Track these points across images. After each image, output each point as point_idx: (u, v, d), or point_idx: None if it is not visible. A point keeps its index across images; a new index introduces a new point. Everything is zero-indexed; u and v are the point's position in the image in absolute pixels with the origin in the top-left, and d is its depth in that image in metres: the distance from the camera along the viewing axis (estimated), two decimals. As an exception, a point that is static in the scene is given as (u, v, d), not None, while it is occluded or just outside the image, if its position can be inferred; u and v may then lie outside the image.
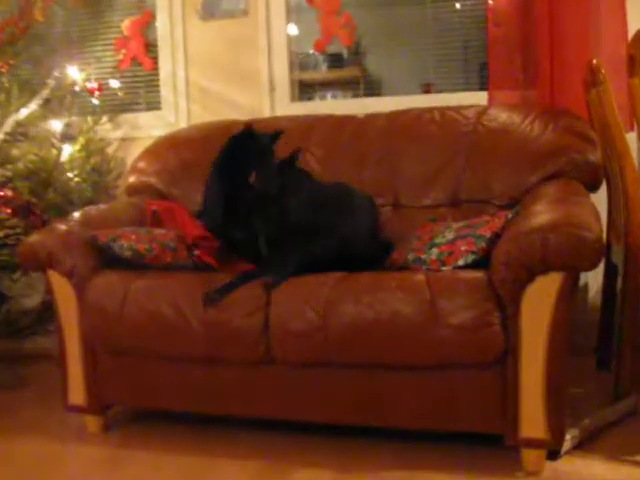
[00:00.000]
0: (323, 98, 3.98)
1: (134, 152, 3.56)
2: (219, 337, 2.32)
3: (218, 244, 2.62)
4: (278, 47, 3.67)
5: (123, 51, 3.87)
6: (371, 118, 3.14)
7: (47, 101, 3.50)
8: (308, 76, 3.93)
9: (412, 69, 3.94)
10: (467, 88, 3.68)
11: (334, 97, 3.97)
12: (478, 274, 2.12)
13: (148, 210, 2.90)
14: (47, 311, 3.09)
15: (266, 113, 3.66)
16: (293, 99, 3.76)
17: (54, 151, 3.47)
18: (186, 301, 2.36)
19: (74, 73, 3.70)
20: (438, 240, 2.36)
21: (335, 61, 3.95)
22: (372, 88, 4.04)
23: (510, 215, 2.29)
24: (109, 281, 2.49)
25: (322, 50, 3.82)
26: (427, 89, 3.75)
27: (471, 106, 3.01)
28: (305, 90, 3.93)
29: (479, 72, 3.68)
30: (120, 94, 3.94)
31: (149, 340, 2.42)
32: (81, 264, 2.52)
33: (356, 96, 3.91)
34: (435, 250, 2.31)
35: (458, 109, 3.00)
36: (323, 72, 3.96)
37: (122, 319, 2.41)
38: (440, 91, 3.69)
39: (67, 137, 3.56)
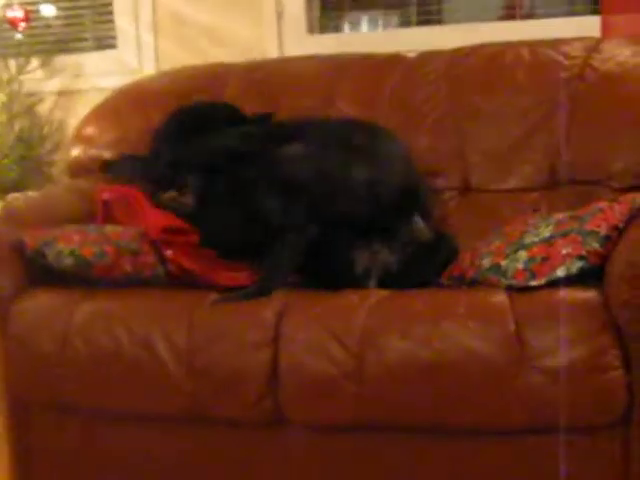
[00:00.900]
0: (355, 24, 4.00)
1: (78, 112, 3.63)
2: (207, 387, 2.34)
3: (195, 238, 2.67)
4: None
5: (59, -39, 3.92)
6: (427, 58, 3.17)
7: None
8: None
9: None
10: (570, 11, 3.68)
11: (372, 22, 3.99)
12: (587, 293, 2.13)
13: (98, 199, 2.93)
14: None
15: (271, 51, 3.71)
16: (311, 29, 3.79)
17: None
18: (160, 333, 2.38)
19: (-14, -5, 3.74)
20: (529, 239, 2.36)
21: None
22: (429, 5, 4.01)
23: (639, 201, 2.30)
24: (44, 305, 2.53)
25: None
26: (510, 12, 3.75)
27: (576, 39, 3.02)
28: (329, 12, 3.95)
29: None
30: (56, 26, 3.97)
31: (105, 392, 2.44)
32: (3, 280, 2.55)
33: (405, 22, 3.92)
34: (523, 254, 2.31)
35: (556, 44, 3.01)
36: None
37: (64, 361, 2.44)
38: (529, 16, 3.69)
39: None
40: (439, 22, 3.97)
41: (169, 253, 2.59)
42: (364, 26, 3.99)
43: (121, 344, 2.40)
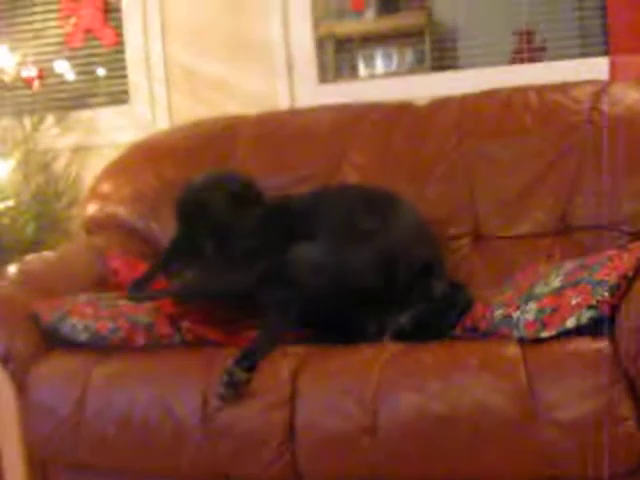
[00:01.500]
0: (369, 59, 4.02)
1: (93, 167, 3.67)
2: (224, 446, 2.35)
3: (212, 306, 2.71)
4: (297, 2, 3.75)
5: (72, 20, 3.96)
6: (436, 106, 3.20)
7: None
8: (346, 28, 3.96)
9: (501, 10, 3.94)
10: (582, 52, 3.70)
11: (386, 56, 4.02)
12: (598, 344, 2.12)
13: (109, 267, 2.99)
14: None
15: (283, 102, 3.74)
16: (323, 77, 3.83)
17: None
18: (176, 394, 2.40)
19: (2, 56, 3.80)
20: (539, 290, 2.37)
21: (387, 4, 3.98)
22: (443, 41, 4.04)
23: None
24: (60, 368, 2.56)
25: (362, 6, 3.86)
26: (525, 37, 3.78)
27: (584, 82, 3.04)
28: (343, 48, 3.97)
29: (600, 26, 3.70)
30: (70, 83, 4.03)
31: (123, 453, 2.46)
32: (20, 345, 2.58)
33: (418, 53, 3.95)
34: (533, 306, 2.31)
35: (564, 88, 3.04)
36: (369, 21, 3.98)
37: (82, 424, 2.46)
38: (543, 46, 3.70)
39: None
40: (453, 50, 4.00)
41: (185, 324, 2.61)
42: (378, 57, 4.00)
43: (138, 405, 2.41)
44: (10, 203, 3.59)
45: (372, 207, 2.80)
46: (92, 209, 3.37)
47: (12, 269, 2.86)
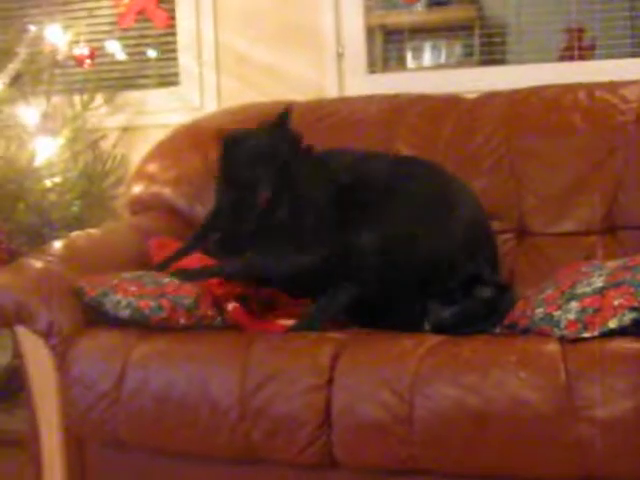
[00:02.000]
0: (418, 51, 4.03)
1: (141, 148, 3.70)
2: (260, 429, 2.36)
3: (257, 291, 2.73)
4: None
5: (125, 1, 3.99)
6: (485, 100, 3.20)
7: (16, 77, 3.62)
8: (396, 19, 3.96)
9: (551, 7, 3.92)
10: (632, 51, 3.69)
11: (435, 49, 4.02)
12: (638, 344, 2.13)
13: (149, 248, 3.00)
14: (15, 379, 3.18)
15: (331, 90, 3.75)
16: (372, 67, 3.83)
17: (26, 149, 3.59)
18: (214, 374, 2.42)
19: (55, 35, 3.81)
20: (580, 289, 2.36)
21: (438, -3, 3.98)
22: (492, 35, 4.03)
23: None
24: (102, 344, 2.58)
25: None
26: (575, 34, 3.76)
27: (634, 82, 3.04)
28: (392, 39, 3.97)
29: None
30: (121, 63, 4.07)
31: (160, 432, 2.48)
32: (62, 319, 2.60)
33: (467, 47, 3.95)
34: (575, 305, 2.30)
35: (614, 87, 3.04)
36: (419, 13, 3.98)
37: (120, 400, 2.48)
38: (593, 43, 3.68)
39: (45, 128, 3.66)
40: (503, 44, 3.99)
41: (231, 307, 2.64)
42: (427, 50, 4.00)
43: (176, 385, 2.43)
44: (57, 180, 3.62)
45: (445, 196, 2.78)
46: (137, 189, 3.40)
47: (58, 245, 2.88)
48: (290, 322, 2.64)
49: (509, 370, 2.17)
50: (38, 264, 2.72)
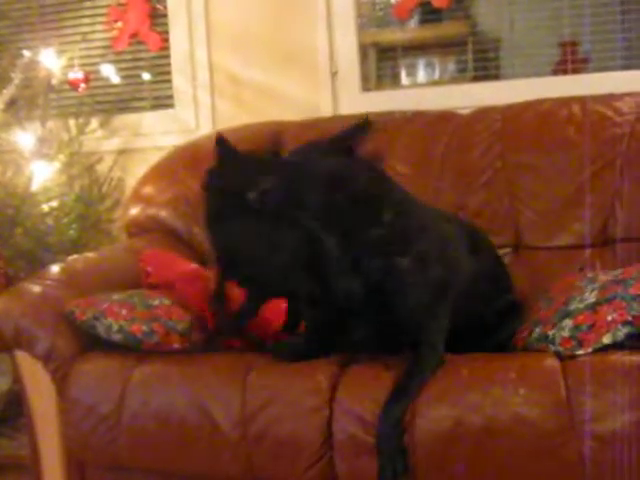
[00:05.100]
0: (412, 68, 4.01)
1: (137, 170, 3.69)
2: (261, 450, 2.35)
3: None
4: (341, 10, 3.75)
5: (118, 25, 4.00)
6: (480, 116, 3.20)
7: (12, 102, 3.62)
8: (389, 36, 3.95)
9: (544, 21, 3.92)
10: (625, 64, 3.68)
11: (429, 66, 4.02)
12: (638, 357, 2.12)
13: (141, 267, 2.98)
14: (16, 403, 3.17)
15: (326, 109, 3.74)
16: (366, 85, 3.83)
17: (23, 174, 3.59)
18: (215, 396, 2.40)
19: (49, 59, 3.82)
20: (573, 306, 2.36)
21: (430, 13, 3.96)
22: (486, 50, 4.01)
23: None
24: (101, 368, 2.57)
25: (406, 15, 3.86)
26: (569, 48, 3.75)
27: (627, 94, 3.03)
28: (385, 57, 3.97)
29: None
30: (115, 86, 4.08)
31: (161, 454, 2.47)
32: (61, 343, 2.59)
33: (461, 63, 3.94)
34: (568, 322, 2.30)
35: (608, 100, 3.03)
36: (412, 30, 3.97)
37: (121, 423, 2.47)
38: (586, 57, 3.68)
39: (41, 153, 3.66)
40: (496, 60, 3.98)
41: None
42: (420, 67, 4.01)
43: (176, 407, 2.42)
44: (54, 204, 3.62)
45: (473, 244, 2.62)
46: (134, 211, 3.40)
47: (55, 269, 2.87)
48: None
49: (509, 388, 2.16)
50: (36, 289, 2.71)
